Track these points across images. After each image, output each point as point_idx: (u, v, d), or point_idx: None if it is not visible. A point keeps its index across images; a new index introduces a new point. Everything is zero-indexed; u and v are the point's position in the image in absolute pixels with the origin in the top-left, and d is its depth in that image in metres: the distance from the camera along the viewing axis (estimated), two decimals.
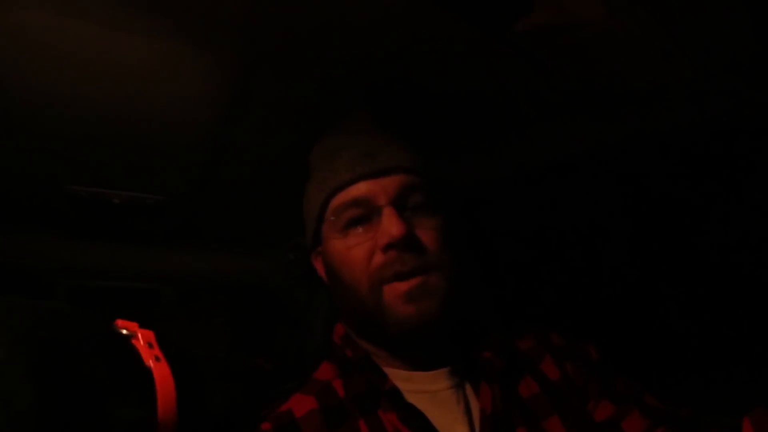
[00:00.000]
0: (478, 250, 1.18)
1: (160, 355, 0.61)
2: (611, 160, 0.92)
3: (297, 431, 0.64)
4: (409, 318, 0.62)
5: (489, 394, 0.66)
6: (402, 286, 0.63)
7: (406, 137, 0.72)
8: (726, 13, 0.59)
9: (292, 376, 0.75)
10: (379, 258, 0.64)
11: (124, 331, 0.62)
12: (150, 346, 0.61)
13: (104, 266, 1.35)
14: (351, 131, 0.72)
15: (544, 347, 0.76)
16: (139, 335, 0.62)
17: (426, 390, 0.67)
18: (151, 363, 0.59)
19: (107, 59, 0.65)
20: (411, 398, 0.66)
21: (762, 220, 0.83)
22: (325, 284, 0.75)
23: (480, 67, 0.70)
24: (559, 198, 1.08)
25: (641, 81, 0.71)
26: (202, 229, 1.33)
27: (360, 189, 0.66)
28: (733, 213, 0.89)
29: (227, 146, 0.90)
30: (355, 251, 0.65)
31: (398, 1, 0.57)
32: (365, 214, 0.66)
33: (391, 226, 0.62)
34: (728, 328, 0.93)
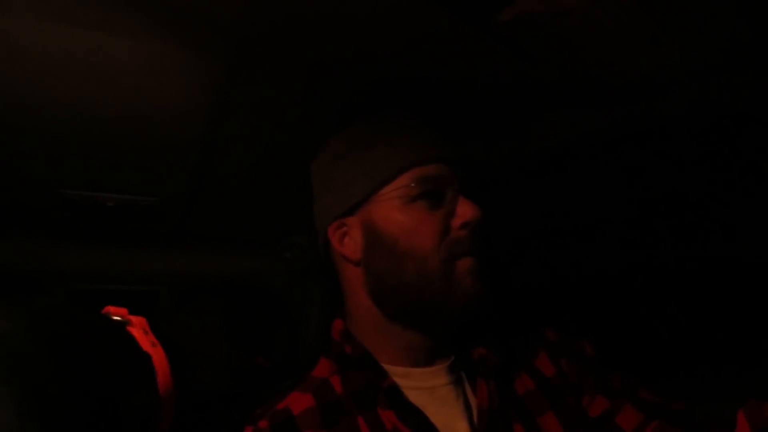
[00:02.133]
0: None
1: (155, 341, 0.64)
2: (605, 152, 0.91)
3: (295, 429, 0.64)
4: (476, 292, 0.66)
5: (485, 391, 0.66)
6: (469, 262, 0.67)
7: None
8: None
9: (291, 374, 0.75)
10: (454, 234, 0.67)
11: (117, 318, 0.66)
12: (145, 332, 0.65)
13: (101, 269, 1.35)
14: (412, 119, 0.74)
15: (539, 343, 0.76)
16: (134, 322, 0.66)
17: (425, 386, 0.68)
18: (149, 348, 0.63)
19: (94, 62, 0.65)
20: (410, 395, 0.66)
21: (756, 212, 0.83)
22: (346, 261, 0.73)
23: (465, 59, 0.69)
24: (553, 191, 1.07)
25: (629, 69, 0.70)
26: (197, 230, 1.33)
27: (443, 169, 0.69)
28: (728, 204, 0.88)
29: (219, 145, 0.89)
30: (426, 224, 0.67)
31: None
32: (437, 192, 0.68)
33: (471, 207, 0.67)
34: (723, 321, 0.93)
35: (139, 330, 0.65)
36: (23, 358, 0.50)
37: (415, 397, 0.66)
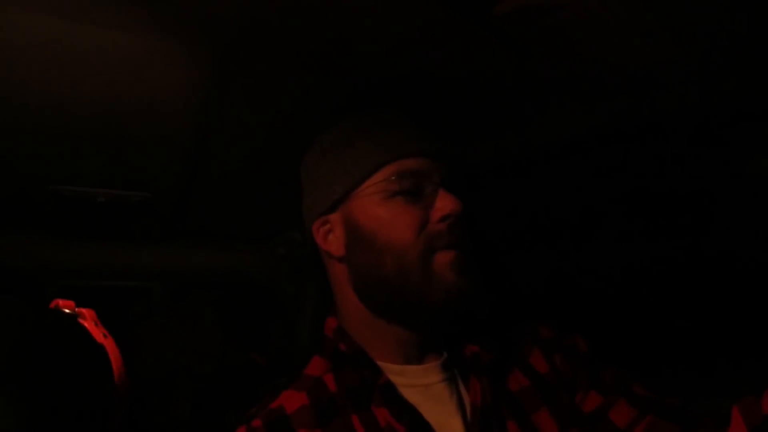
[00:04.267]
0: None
1: (106, 332, 0.68)
2: (601, 148, 0.91)
3: (288, 427, 0.64)
4: (457, 286, 0.65)
5: (478, 388, 0.67)
6: (449, 255, 0.66)
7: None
8: None
9: (286, 371, 0.75)
10: (433, 227, 0.67)
11: (68, 311, 0.69)
12: (96, 324, 0.69)
13: (93, 265, 1.34)
14: (394, 115, 0.73)
15: (532, 340, 0.76)
16: (85, 314, 0.69)
17: (419, 383, 0.68)
18: (102, 340, 0.67)
19: (85, 56, 0.64)
20: (404, 392, 0.66)
21: (751, 209, 0.83)
22: (331, 258, 0.73)
23: (461, 53, 0.69)
24: (548, 187, 1.07)
25: (626, 63, 0.69)
26: (190, 225, 1.32)
27: (422, 163, 0.69)
28: (724, 201, 0.88)
29: (211, 140, 0.89)
30: (404, 218, 0.67)
31: None
32: (417, 186, 0.68)
33: (450, 200, 0.67)
34: (719, 318, 0.93)
35: (90, 322, 0.68)
36: None
37: (409, 394, 0.66)
